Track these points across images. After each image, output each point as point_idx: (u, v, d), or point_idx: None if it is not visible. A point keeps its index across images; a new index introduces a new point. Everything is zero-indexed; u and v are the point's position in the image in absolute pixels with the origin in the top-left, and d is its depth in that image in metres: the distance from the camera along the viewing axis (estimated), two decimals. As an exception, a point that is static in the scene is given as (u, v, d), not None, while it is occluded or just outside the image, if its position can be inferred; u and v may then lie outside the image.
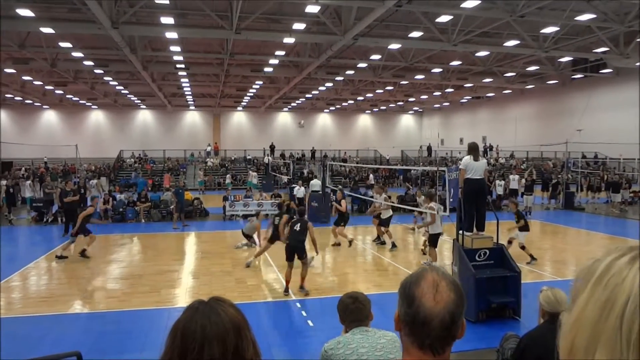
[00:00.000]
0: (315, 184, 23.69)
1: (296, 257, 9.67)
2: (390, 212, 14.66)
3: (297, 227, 9.74)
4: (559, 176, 26.36)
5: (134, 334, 7.67)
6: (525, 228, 12.31)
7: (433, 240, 11.82)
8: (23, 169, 36.66)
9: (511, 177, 23.85)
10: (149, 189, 28.56)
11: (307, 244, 9.85)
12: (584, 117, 34.87)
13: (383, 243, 14.92)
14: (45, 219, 19.84)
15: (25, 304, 9.37)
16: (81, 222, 13.19)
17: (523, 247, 12.25)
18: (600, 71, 32.19)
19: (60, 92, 40.60)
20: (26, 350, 6.79)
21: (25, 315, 8.59)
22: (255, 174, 34.48)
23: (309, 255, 10.22)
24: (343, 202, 15.23)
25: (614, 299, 0.69)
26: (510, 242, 12.16)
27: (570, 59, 29.95)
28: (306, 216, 10.62)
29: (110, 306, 9.14)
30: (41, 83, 35.59)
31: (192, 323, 1.35)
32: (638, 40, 23.11)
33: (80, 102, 47.30)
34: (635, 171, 30.58)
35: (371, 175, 35.05)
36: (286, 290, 9.70)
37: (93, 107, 51.29)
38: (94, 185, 21.72)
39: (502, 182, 24.04)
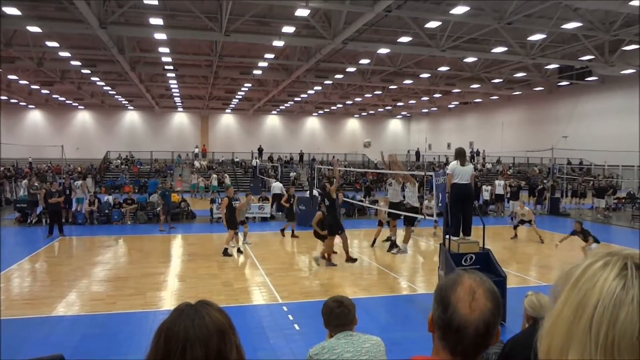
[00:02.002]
0: (277, 186, 23.50)
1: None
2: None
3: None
4: (545, 181, 26.65)
5: (118, 337, 7.59)
6: (596, 240, 12.75)
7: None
8: (2, 168, 36.11)
9: (497, 182, 24.04)
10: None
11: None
12: (569, 123, 35.31)
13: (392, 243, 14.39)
14: (29, 220, 19.59)
15: (8, 305, 9.23)
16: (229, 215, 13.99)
17: None
18: (586, 79, 32.65)
19: (47, 91, 40.21)
20: (9, 353, 6.69)
21: (8, 318, 8.47)
22: (215, 176, 34.00)
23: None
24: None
25: (585, 302, 0.72)
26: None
27: (557, 66, 30.31)
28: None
29: (95, 309, 9.05)
30: (27, 82, 35.25)
31: (175, 325, 1.35)
32: (623, 49, 23.46)
33: (67, 102, 46.88)
34: (620, 178, 31.00)
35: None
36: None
37: (80, 107, 50.86)
38: (78, 186, 21.46)
39: (489, 188, 24.24)
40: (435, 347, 1.35)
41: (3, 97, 42.58)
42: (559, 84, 36.55)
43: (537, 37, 21.51)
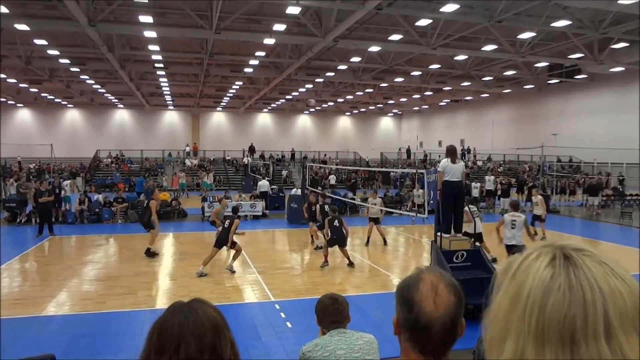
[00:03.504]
0: (263, 184, 23.48)
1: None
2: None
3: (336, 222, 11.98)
4: (537, 177, 26.83)
5: (109, 336, 7.56)
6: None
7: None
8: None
9: (487, 178, 24.15)
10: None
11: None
12: (559, 121, 35.54)
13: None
14: (18, 220, 19.43)
15: (-3, 306, 9.16)
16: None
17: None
18: (575, 77, 32.84)
19: (35, 90, 39.80)
20: (-2, 353, 6.65)
21: (-3, 318, 8.40)
22: (210, 174, 33.95)
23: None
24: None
25: (519, 292, 0.77)
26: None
27: (546, 64, 30.46)
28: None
29: (86, 308, 9.00)
30: (15, 81, 34.84)
31: (169, 321, 1.35)
32: (612, 47, 23.63)
33: (56, 100, 46.47)
34: (610, 175, 31.25)
35: (332, 177, 34.95)
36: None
37: (69, 106, 50.43)
38: (67, 186, 21.31)
39: (478, 185, 24.33)
40: (403, 349, 1.33)
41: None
42: (548, 82, 36.73)
43: (526, 35, 21.60)
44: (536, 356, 0.72)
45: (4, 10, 16.96)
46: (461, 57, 27.38)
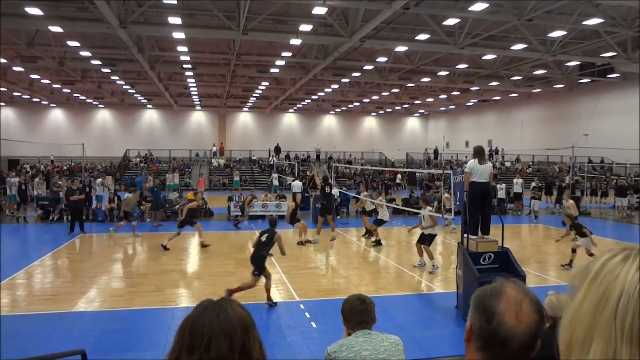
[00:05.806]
0: (296, 185, 23.55)
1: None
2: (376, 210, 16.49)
3: (264, 237, 9.17)
4: (566, 179, 26.28)
5: (138, 333, 7.69)
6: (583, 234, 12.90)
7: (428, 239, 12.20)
8: (27, 167, 36.92)
9: (515, 180, 23.80)
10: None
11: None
12: (590, 121, 34.75)
13: (371, 237, 16.18)
14: (51, 217, 19.93)
15: (30, 301, 9.42)
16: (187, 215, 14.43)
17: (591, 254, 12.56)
18: (608, 76, 32.05)
19: (68, 90, 40.77)
20: (31, 347, 6.83)
21: (31, 313, 8.64)
22: (276, 175, 34.22)
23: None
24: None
25: (608, 295, 0.76)
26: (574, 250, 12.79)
27: (578, 63, 29.82)
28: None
29: (115, 305, 9.18)
30: (49, 81, 35.77)
31: (200, 319, 1.37)
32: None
33: (87, 101, 47.52)
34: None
35: (398, 175, 37.11)
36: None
37: (100, 106, 51.52)
38: (99, 184, 21.80)
39: (503, 186, 23.92)
40: (469, 355, 1.28)
41: (25, 96, 43.32)
42: (579, 81, 35.98)
43: (557, 33, 21.18)
44: (630, 356, 0.72)
45: (39, 12, 17.44)
46: (489, 57, 27.01)
